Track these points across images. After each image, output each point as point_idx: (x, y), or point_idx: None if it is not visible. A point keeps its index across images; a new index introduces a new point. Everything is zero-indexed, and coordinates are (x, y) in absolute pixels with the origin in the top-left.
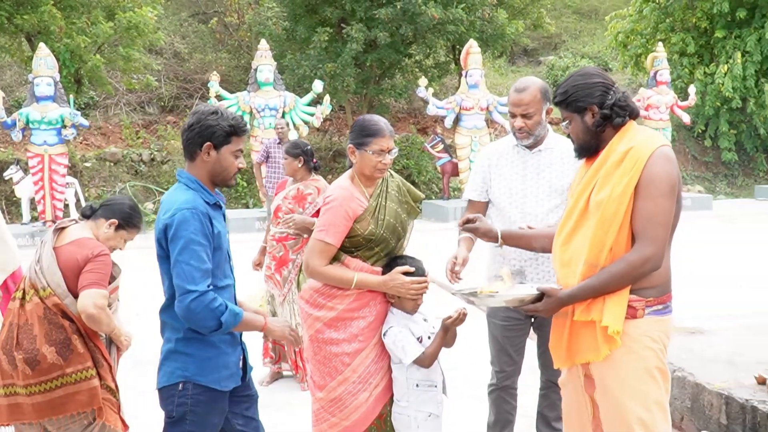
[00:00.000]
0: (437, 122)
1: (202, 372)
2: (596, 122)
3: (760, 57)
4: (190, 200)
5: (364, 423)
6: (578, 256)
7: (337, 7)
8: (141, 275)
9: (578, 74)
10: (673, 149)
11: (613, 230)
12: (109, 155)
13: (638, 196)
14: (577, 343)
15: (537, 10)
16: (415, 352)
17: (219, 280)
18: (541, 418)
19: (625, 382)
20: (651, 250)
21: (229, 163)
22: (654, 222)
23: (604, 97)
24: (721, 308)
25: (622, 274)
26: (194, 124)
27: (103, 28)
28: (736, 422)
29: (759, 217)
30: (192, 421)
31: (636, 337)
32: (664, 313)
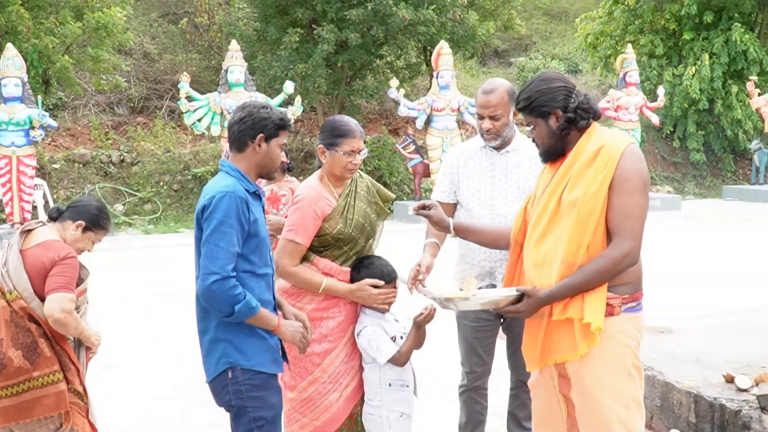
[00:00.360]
0: (408, 123)
1: (245, 356)
2: (561, 126)
3: (727, 59)
4: (230, 185)
5: (335, 423)
6: (552, 256)
7: (307, 7)
8: (110, 277)
9: (539, 79)
10: (642, 150)
11: (590, 228)
12: (78, 156)
13: (613, 193)
14: (553, 343)
15: (508, 11)
16: (390, 351)
17: (258, 267)
18: (512, 418)
19: (602, 380)
20: (630, 245)
21: (276, 155)
22: (631, 217)
23: (567, 100)
24: (690, 308)
25: (603, 271)
26: (246, 117)
27: (72, 29)
28: (705, 420)
29: (727, 217)
30: (254, 407)
31: (613, 335)
32: (637, 310)
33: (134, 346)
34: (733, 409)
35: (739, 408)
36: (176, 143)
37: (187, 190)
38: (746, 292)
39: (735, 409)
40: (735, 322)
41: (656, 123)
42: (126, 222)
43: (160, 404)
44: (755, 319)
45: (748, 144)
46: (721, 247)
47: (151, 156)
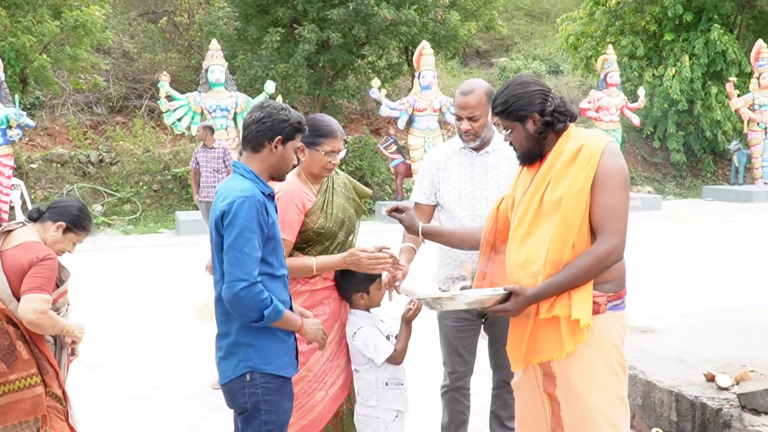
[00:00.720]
0: (390, 123)
1: (266, 360)
2: (538, 129)
3: (707, 60)
4: (248, 188)
5: (321, 422)
6: (535, 256)
7: (289, 7)
8: (89, 278)
9: (515, 83)
10: (623, 150)
11: (574, 227)
12: (56, 156)
13: (596, 191)
14: (539, 342)
15: (489, 12)
16: (388, 350)
17: (276, 269)
18: (495, 418)
19: (588, 378)
20: (615, 241)
21: (291, 158)
22: (615, 214)
23: (544, 104)
24: (671, 307)
25: (589, 267)
26: (266, 117)
27: (50, 27)
28: (686, 419)
29: (707, 217)
30: (267, 411)
31: (598, 333)
32: (621, 308)
33: (114, 347)
34: (714, 408)
35: (719, 406)
36: (156, 143)
37: (166, 191)
38: (726, 291)
39: (716, 408)
40: (715, 321)
41: (637, 123)
42: (105, 222)
43: (140, 406)
44: (735, 319)
45: (728, 145)
46: (701, 247)
47: (131, 156)
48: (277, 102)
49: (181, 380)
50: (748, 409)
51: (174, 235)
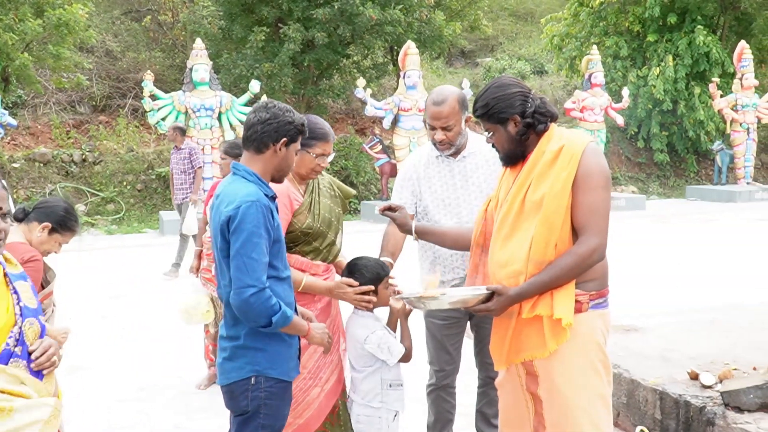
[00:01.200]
0: (375, 123)
1: (273, 365)
2: (520, 131)
3: (690, 60)
4: (252, 192)
5: (318, 419)
6: (517, 256)
7: (273, 6)
8: (72, 278)
9: (495, 86)
10: (607, 150)
11: (556, 226)
12: (39, 156)
13: (577, 190)
14: (522, 341)
15: (474, 12)
16: (401, 351)
17: (281, 271)
18: (480, 416)
19: (570, 377)
20: (597, 240)
21: (293, 160)
22: (596, 213)
23: (525, 105)
24: (655, 306)
25: (571, 267)
26: (272, 118)
27: (32, 26)
28: (670, 417)
29: (690, 216)
30: (266, 414)
31: (581, 331)
32: (604, 306)
33: (99, 348)
34: (698, 406)
35: (703, 404)
36: (140, 142)
37: (150, 190)
38: (710, 290)
39: (699, 406)
40: (699, 320)
41: (621, 124)
42: (88, 222)
43: (125, 406)
44: (718, 318)
45: (710, 145)
46: (685, 246)
47: (114, 155)
48: (281, 103)
49: (166, 381)
50: (732, 407)
51: (158, 234)
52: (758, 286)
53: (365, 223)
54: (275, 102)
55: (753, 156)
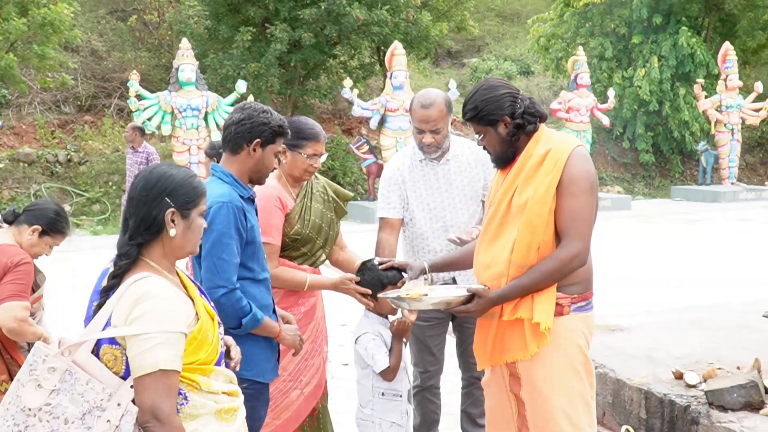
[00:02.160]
0: (362, 123)
1: (247, 366)
2: (510, 132)
3: (675, 62)
4: (225, 194)
5: (296, 421)
6: (499, 258)
7: (260, 6)
8: (57, 280)
9: (483, 88)
10: (592, 151)
11: (539, 230)
12: (23, 156)
13: (561, 195)
14: (504, 342)
15: (461, 12)
16: (384, 364)
17: (257, 273)
18: (466, 416)
19: (552, 379)
20: (578, 246)
21: (270, 162)
22: (579, 219)
23: (514, 106)
24: (640, 306)
25: (552, 271)
26: (245, 119)
27: (16, 25)
28: (655, 416)
29: (675, 217)
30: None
31: (562, 334)
32: (587, 309)
33: None
34: (683, 405)
35: (688, 404)
36: (125, 142)
37: None
38: (694, 290)
39: (684, 405)
40: (683, 320)
41: (607, 124)
42: (74, 223)
43: None
44: (703, 317)
45: (695, 145)
46: (670, 246)
47: (100, 155)
48: (260, 104)
49: None
50: (716, 406)
51: None
52: (742, 285)
53: (352, 223)
54: (253, 103)
55: (737, 156)
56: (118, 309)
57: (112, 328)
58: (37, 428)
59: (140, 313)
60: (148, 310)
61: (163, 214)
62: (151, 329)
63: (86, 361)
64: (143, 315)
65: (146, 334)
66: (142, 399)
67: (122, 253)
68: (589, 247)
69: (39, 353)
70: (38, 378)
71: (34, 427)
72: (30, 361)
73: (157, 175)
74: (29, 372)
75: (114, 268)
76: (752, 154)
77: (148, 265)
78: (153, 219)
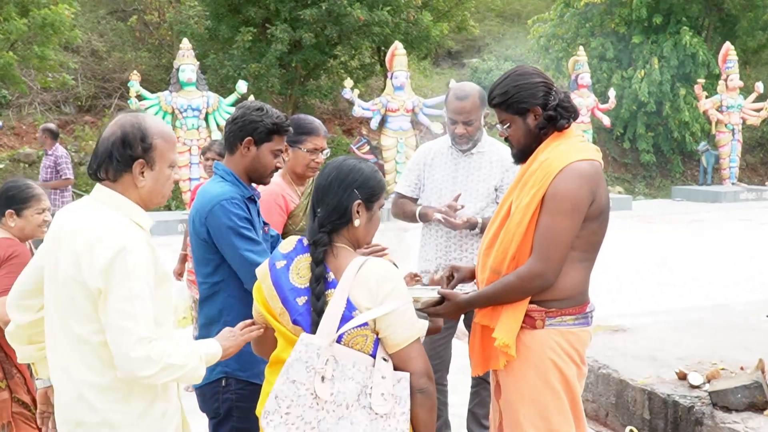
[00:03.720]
0: (363, 124)
1: (242, 367)
2: (540, 124)
3: (676, 62)
4: (227, 191)
5: None
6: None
7: (260, 7)
8: None
9: (516, 73)
10: None
11: (516, 240)
12: (24, 156)
13: (542, 210)
14: (485, 350)
15: (461, 12)
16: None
17: None
18: (472, 416)
19: (522, 392)
20: (540, 267)
21: (268, 161)
22: (548, 239)
23: (547, 97)
24: (643, 306)
25: (512, 287)
26: (238, 118)
27: (17, 25)
28: (659, 417)
29: (676, 217)
30: (238, 417)
31: (533, 349)
32: (572, 325)
33: None
34: (686, 406)
35: (691, 404)
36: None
37: None
38: (696, 290)
39: (688, 406)
40: (686, 320)
41: (607, 124)
42: None
43: None
44: (706, 318)
45: (696, 146)
46: (671, 246)
47: None
48: (258, 103)
49: None
50: (719, 407)
51: None
52: (744, 285)
53: None
54: (251, 102)
55: (738, 157)
56: (357, 293)
57: (366, 310)
58: (327, 420)
59: (388, 290)
60: (393, 287)
61: (351, 204)
62: (402, 302)
63: (338, 347)
64: (391, 292)
65: (400, 308)
66: (416, 365)
67: (316, 241)
68: (555, 269)
69: (311, 348)
70: (321, 371)
71: (325, 420)
72: (302, 359)
73: (349, 167)
74: (306, 369)
75: (314, 254)
76: (753, 154)
77: (345, 249)
78: (344, 209)
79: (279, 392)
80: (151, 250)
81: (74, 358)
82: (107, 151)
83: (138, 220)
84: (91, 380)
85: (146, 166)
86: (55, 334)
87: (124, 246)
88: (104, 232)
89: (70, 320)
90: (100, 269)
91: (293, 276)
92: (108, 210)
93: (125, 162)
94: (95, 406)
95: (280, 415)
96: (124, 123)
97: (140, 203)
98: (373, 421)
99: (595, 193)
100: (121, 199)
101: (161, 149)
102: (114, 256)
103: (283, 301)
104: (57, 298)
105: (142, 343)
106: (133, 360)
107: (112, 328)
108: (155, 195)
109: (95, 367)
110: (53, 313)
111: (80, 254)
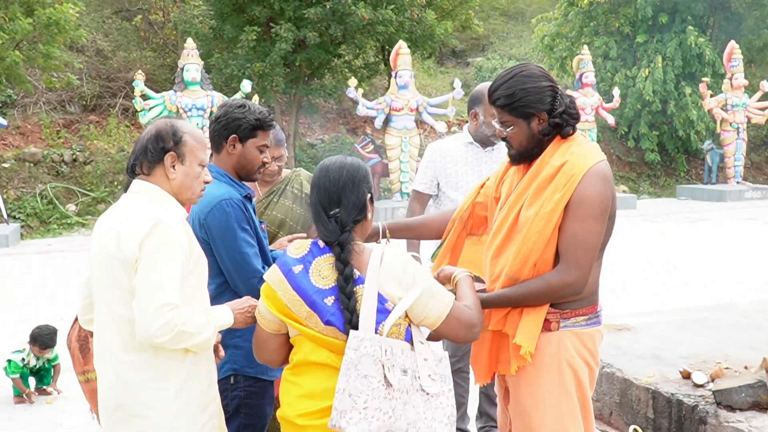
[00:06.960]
0: (367, 123)
1: (251, 363)
2: (544, 130)
3: (681, 62)
4: (225, 192)
5: None
6: (502, 271)
7: (265, 6)
8: (64, 279)
9: (523, 74)
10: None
11: (537, 247)
12: (29, 155)
13: (567, 216)
14: (500, 354)
15: (465, 11)
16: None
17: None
18: (485, 397)
19: (536, 396)
20: (574, 275)
21: (254, 157)
22: (580, 246)
23: (554, 103)
24: (647, 305)
25: (540, 293)
26: (221, 116)
27: (22, 24)
28: (663, 416)
29: (681, 216)
30: (247, 414)
31: (548, 351)
32: (585, 325)
33: None
34: (690, 405)
35: (695, 403)
36: (130, 142)
37: None
38: (701, 289)
39: (692, 405)
40: (690, 319)
41: (612, 123)
42: (79, 222)
43: None
44: (710, 316)
45: (701, 144)
46: (675, 245)
47: (105, 155)
48: (240, 100)
49: None
50: (724, 406)
51: None
52: (749, 284)
53: None
54: (234, 100)
55: (743, 155)
56: (385, 285)
57: (396, 299)
58: (397, 409)
59: (412, 273)
60: (416, 268)
61: (366, 200)
62: (428, 280)
63: (384, 339)
64: (415, 274)
65: (428, 287)
66: (457, 334)
67: (342, 242)
68: (586, 277)
69: (373, 342)
70: (387, 362)
71: (396, 409)
72: (368, 353)
73: (355, 163)
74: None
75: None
76: (758, 152)
77: (358, 244)
78: (362, 205)
79: (352, 390)
80: (187, 231)
81: (116, 340)
82: (143, 147)
83: (173, 207)
84: (129, 360)
85: (177, 160)
86: (101, 321)
87: (160, 219)
88: (143, 211)
89: (113, 301)
90: (138, 241)
91: (315, 278)
92: (145, 199)
93: (158, 154)
94: (131, 387)
95: (358, 411)
96: (159, 123)
97: (172, 196)
98: (426, 402)
99: (612, 195)
100: (156, 188)
101: (191, 146)
102: (151, 227)
103: (310, 304)
104: (102, 283)
105: (163, 309)
106: (152, 325)
107: (138, 292)
108: (185, 189)
109: (132, 346)
110: (100, 298)
111: (121, 232)
